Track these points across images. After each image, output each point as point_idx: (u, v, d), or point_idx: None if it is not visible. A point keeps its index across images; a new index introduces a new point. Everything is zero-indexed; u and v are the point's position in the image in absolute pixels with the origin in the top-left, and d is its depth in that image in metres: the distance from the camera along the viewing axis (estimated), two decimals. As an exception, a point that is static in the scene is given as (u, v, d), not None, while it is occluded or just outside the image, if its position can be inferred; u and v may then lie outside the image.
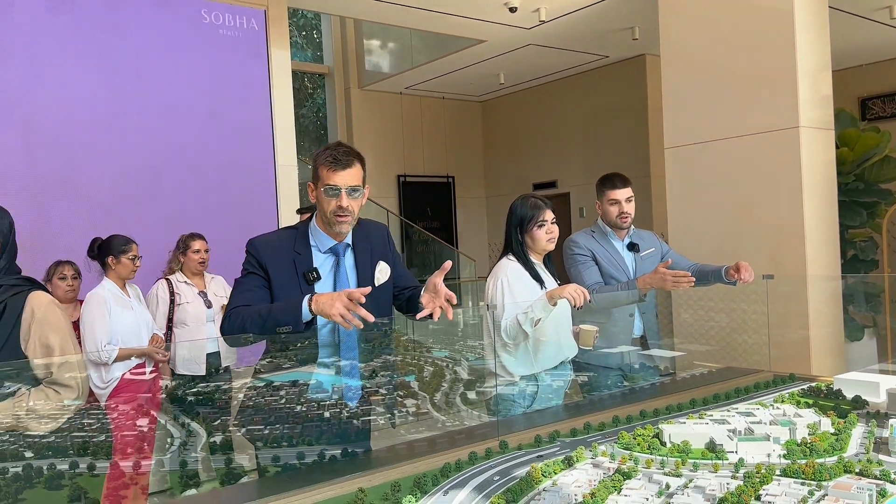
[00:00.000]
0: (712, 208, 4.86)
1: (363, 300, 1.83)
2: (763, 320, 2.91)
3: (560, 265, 2.95)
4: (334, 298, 1.86)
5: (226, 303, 4.19)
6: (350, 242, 2.21)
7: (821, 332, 4.25)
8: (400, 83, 9.54)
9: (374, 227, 2.32)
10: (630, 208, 3.09)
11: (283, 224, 5.08)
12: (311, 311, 1.90)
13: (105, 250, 3.73)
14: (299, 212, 4.74)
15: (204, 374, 3.74)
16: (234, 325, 2.00)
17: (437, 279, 2.01)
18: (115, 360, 3.49)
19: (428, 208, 10.45)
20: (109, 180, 4.68)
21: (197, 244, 4.21)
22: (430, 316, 2.00)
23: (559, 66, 8.94)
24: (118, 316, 3.62)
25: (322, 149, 2.12)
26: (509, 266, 2.68)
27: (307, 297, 1.93)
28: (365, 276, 2.20)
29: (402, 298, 2.30)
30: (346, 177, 2.06)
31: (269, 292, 2.10)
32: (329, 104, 9.99)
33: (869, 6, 6.47)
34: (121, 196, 4.74)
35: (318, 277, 2.12)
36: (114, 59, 4.69)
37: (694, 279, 2.84)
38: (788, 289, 3.94)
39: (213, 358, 3.87)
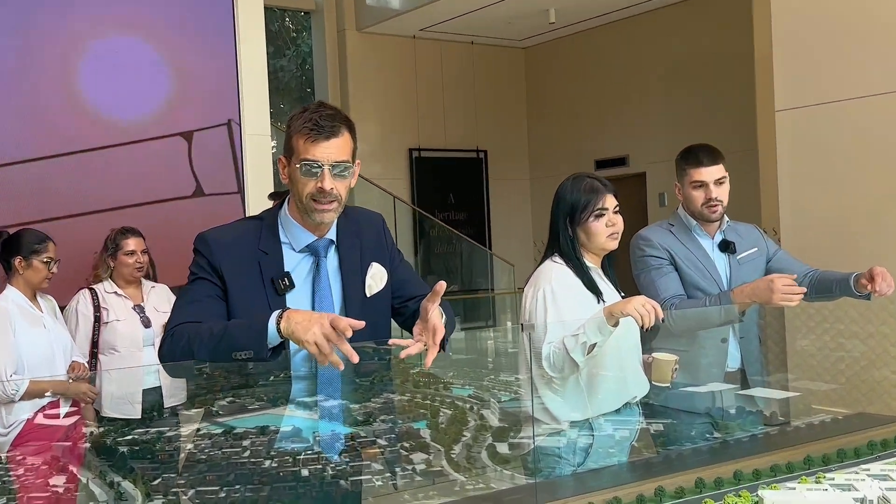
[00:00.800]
0: (840, 192, 4.79)
1: (350, 333, 1.84)
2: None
3: (625, 271, 2.94)
4: (313, 320, 1.87)
5: None
6: (334, 238, 2.23)
7: None
8: (413, 24, 9.58)
9: (366, 217, 2.33)
10: (721, 193, 3.09)
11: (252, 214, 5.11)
12: (280, 332, 1.92)
13: (11, 248, 3.78)
14: (273, 197, 4.77)
15: (139, 416, 3.78)
16: (176, 349, 2.02)
17: (430, 303, 2.04)
18: (22, 397, 3.52)
19: (451, 194, 10.50)
20: (9, 154, 4.73)
21: (131, 243, 4.24)
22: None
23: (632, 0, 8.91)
24: (26, 336, 3.66)
25: (298, 111, 2.14)
26: (555, 271, 2.69)
27: (276, 313, 1.94)
28: (354, 284, 2.23)
29: (406, 313, 2.32)
30: (330, 149, 2.07)
31: (224, 304, 2.12)
32: (317, 52, 10.08)
33: None
34: (28, 177, 4.78)
35: (291, 286, 2.14)
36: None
37: (805, 290, 2.83)
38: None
39: (152, 395, 3.91)
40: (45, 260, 3.79)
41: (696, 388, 2.82)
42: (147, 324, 4.23)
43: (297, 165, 2.09)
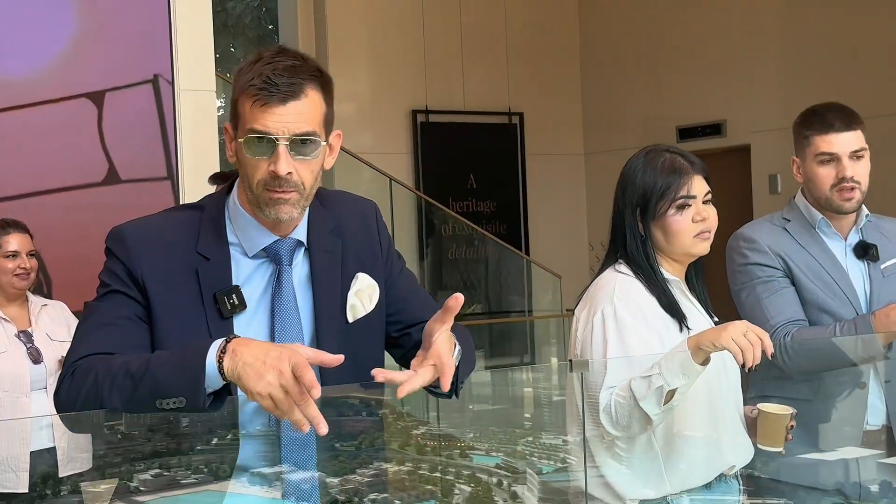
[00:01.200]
0: None
1: (317, 394, 1.83)
2: None
3: (720, 285, 2.92)
4: (268, 362, 1.85)
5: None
6: (303, 239, 2.24)
7: None
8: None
9: (353, 206, 2.35)
10: (860, 171, 3.09)
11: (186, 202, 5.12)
12: (222, 372, 1.91)
13: None
14: (215, 180, 4.77)
15: (26, 489, 3.78)
16: (78, 393, 2.01)
17: (438, 324, 2.03)
18: None
19: (471, 176, 10.50)
20: None
21: (12, 241, 4.28)
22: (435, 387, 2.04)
23: None
24: None
25: (248, 61, 2.14)
26: (619, 285, 2.69)
27: (216, 344, 1.93)
28: (331, 304, 2.23)
29: (407, 345, 2.32)
30: (287, 116, 2.06)
31: (146, 329, 2.13)
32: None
33: None
34: None
35: (241, 305, 2.14)
36: None
37: None
38: None
39: (43, 460, 3.92)
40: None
41: (821, 454, 2.81)
42: (36, 358, 4.24)
43: (242, 140, 2.09)
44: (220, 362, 1.90)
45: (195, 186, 5.16)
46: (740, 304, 3.14)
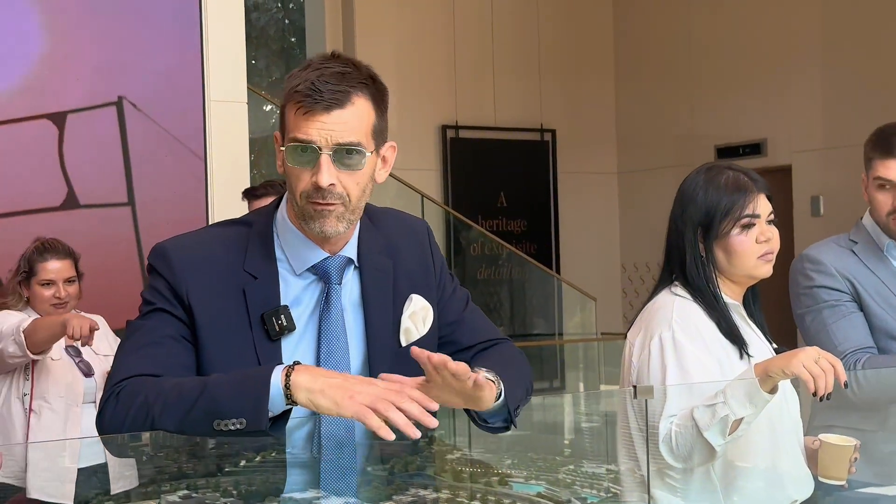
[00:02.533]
0: None
1: (435, 406, 1.84)
2: None
3: (775, 310, 2.86)
4: (354, 385, 1.86)
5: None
6: (354, 257, 2.20)
7: None
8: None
9: (405, 226, 2.34)
10: None
11: (217, 215, 5.10)
12: (288, 395, 1.88)
13: None
14: (248, 195, 4.74)
15: (71, 502, 3.78)
16: (125, 414, 1.98)
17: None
18: None
19: (502, 193, 10.48)
20: None
21: (51, 266, 4.31)
22: None
23: None
24: None
25: (299, 68, 2.11)
26: (677, 307, 2.65)
27: (281, 367, 1.91)
28: (383, 326, 2.20)
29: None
30: (331, 125, 2.04)
31: (192, 350, 2.09)
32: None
33: None
34: None
35: (290, 327, 2.10)
36: None
37: None
38: None
39: (90, 476, 3.92)
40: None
41: (885, 488, 2.76)
42: (87, 371, 4.29)
43: (288, 148, 2.06)
44: (285, 384, 1.88)
45: (225, 196, 5.14)
46: (805, 328, 3.12)
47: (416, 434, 1.84)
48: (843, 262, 3.11)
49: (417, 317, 2.22)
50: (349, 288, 2.20)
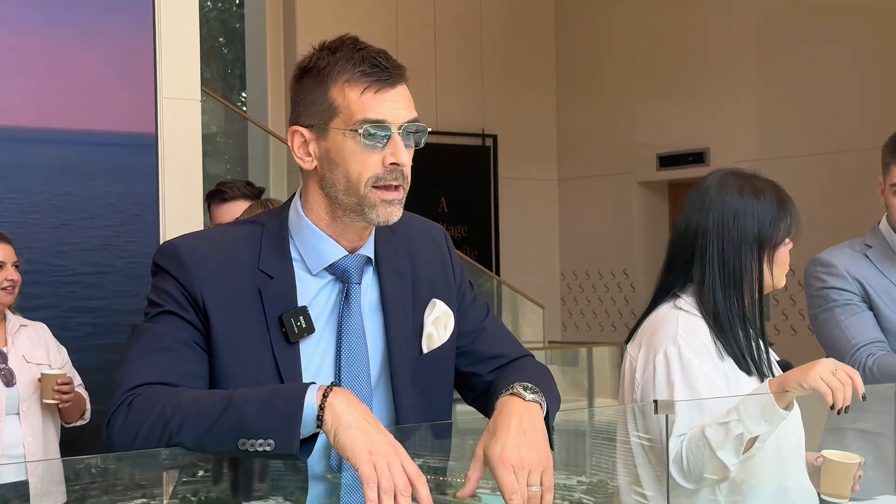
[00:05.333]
0: None
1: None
2: None
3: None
4: (379, 440, 1.77)
5: (55, 373, 4.20)
6: (371, 255, 2.15)
7: None
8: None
9: (423, 228, 2.31)
10: None
11: (170, 220, 5.01)
12: (320, 416, 1.80)
13: None
14: (214, 200, 4.64)
15: None
16: (140, 425, 1.90)
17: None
18: None
19: (443, 199, 10.43)
20: None
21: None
22: None
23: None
24: None
25: (325, 51, 2.08)
26: (681, 322, 2.62)
27: (316, 385, 1.84)
28: (403, 331, 2.14)
29: (477, 385, 2.24)
30: (399, 101, 2.04)
31: (206, 358, 2.02)
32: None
33: None
34: None
35: (309, 329, 2.04)
36: None
37: None
38: None
39: (14, 492, 3.84)
40: None
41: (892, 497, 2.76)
42: (9, 381, 4.19)
43: (358, 131, 2.01)
44: (319, 411, 1.80)
45: (180, 198, 5.07)
46: (818, 327, 3.17)
47: None
48: (854, 265, 3.15)
49: (440, 322, 2.17)
50: (368, 290, 2.15)
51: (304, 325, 2.03)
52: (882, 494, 2.67)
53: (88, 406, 4.43)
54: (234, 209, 4.30)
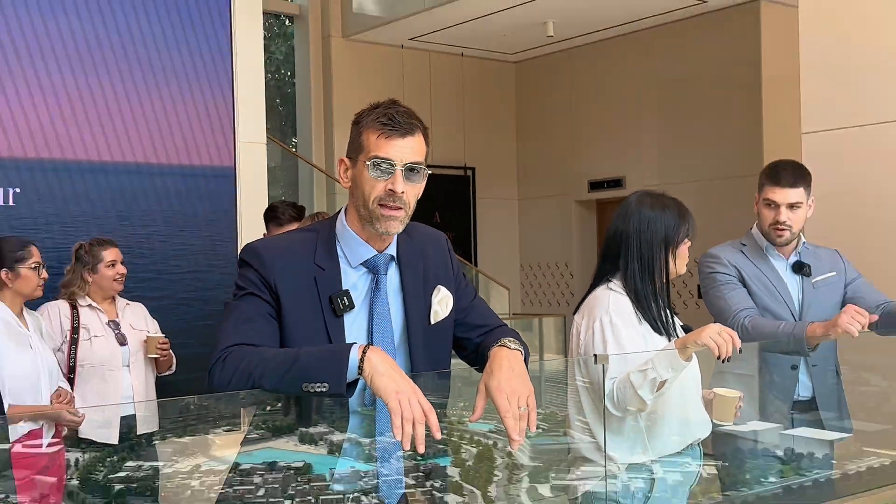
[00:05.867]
0: (866, 217, 4.72)
1: (438, 434, 1.77)
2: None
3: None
4: (403, 383, 1.77)
5: (148, 337, 4.16)
6: (394, 254, 2.13)
7: None
8: (402, 33, 9.50)
9: (429, 234, 2.25)
10: (794, 219, 3.08)
11: (245, 231, 4.98)
12: (360, 367, 1.81)
13: None
14: (271, 222, 4.60)
15: (117, 441, 3.64)
16: (231, 374, 1.89)
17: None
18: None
19: (436, 212, 10.37)
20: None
21: (110, 253, 4.18)
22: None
23: (634, 14, 8.91)
24: (11, 355, 3.51)
25: (368, 108, 2.05)
26: (612, 299, 2.60)
27: (357, 344, 1.84)
28: (416, 307, 2.12)
29: (469, 346, 2.22)
30: (405, 148, 1.99)
31: (277, 325, 2.01)
32: (300, 60, 9.95)
33: None
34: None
35: (351, 306, 2.03)
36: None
37: (870, 318, 2.78)
38: None
39: (127, 421, 3.79)
40: (32, 266, 3.68)
41: (762, 424, 2.74)
42: (123, 341, 4.14)
43: (367, 163, 1.99)
44: (360, 362, 1.80)
45: (250, 216, 5.04)
46: (708, 299, 3.13)
47: (420, 448, 1.77)
48: (733, 257, 3.12)
49: (443, 302, 2.16)
50: (391, 279, 2.12)
51: (346, 303, 2.03)
52: (752, 420, 2.64)
53: (174, 362, 4.38)
54: (286, 229, 4.33)
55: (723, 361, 2.33)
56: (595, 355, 2.28)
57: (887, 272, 4.59)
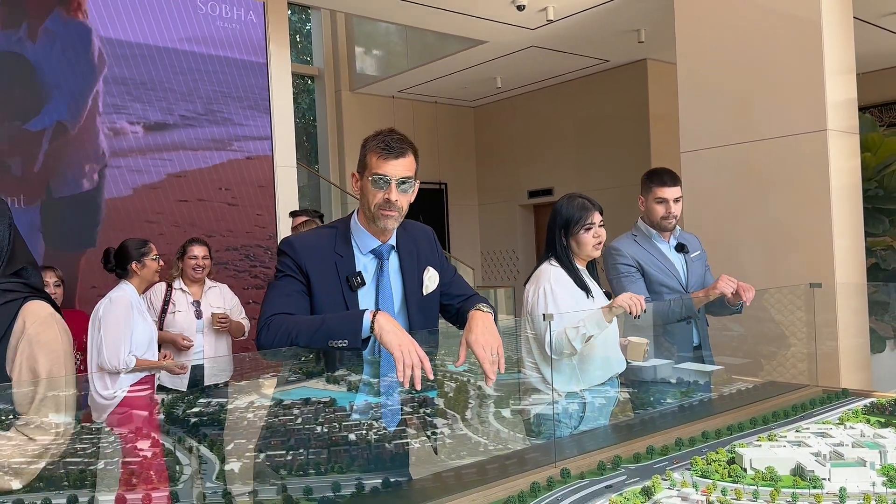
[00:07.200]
0: (733, 215, 4.71)
1: (431, 376, 1.69)
2: (806, 332, 2.80)
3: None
4: (404, 338, 1.70)
5: (219, 312, 4.03)
6: (395, 244, 2.05)
7: (849, 343, 4.12)
8: (392, 87, 9.36)
9: (419, 228, 2.17)
10: (678, 209, 2.98)
11: (282, 228, 4.89)
12: (371, 327, 1.74)
13: (124, 257, 3.55)
14: (293, 215, 4.54)
15: (186, 388, 3.54)
16: (274, 336, 1.82)
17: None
18: (129, 372, 3.31)
19: (420, 215, 10.27)
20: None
21: (195, 249, 4.06)
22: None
23: (558, 71, 8.83)
24: (138, 326, 3.47)
25: (372, 135, 1.97)
26: (552, 271, 2.52)
27: (369, 310, 1.77)
28: (412, 282, 2.05)
29: (451, 310, 2.14)
30: (398, 167, 1.91)
31: (308, 299, 1.93)
32: (319, 108, 9.79)
33: (877, 11, 6.43)
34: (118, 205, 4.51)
35: (363, 283, 1.95)
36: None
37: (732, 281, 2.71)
38: (824, 299, 3.81)
39: (197, 370, 3.69)
40: (154, 257, 3.59)
41: (660, 361, 2.67)
42: (198, 315, 4.03)
43: (370, 178, 1.91)
44: (371, 322, 1.73)
45: (283, 217, 4.91)
46: (613, 286, 3.00)
47: (418, 386, 1.70)
48: (631, 248, 2.98)
49: (432, 279, 2.08)
50: (392, 262, 2.04)
51: (360, 281, 1.96)
52: (654, 358, 2.61)
53: (247, 328, 4.24)
54: (298, 219, 4.29)
55: (634, 318, 2.29)
56: (544, 315, 2.23)
57: (748, 265, 4.60)
